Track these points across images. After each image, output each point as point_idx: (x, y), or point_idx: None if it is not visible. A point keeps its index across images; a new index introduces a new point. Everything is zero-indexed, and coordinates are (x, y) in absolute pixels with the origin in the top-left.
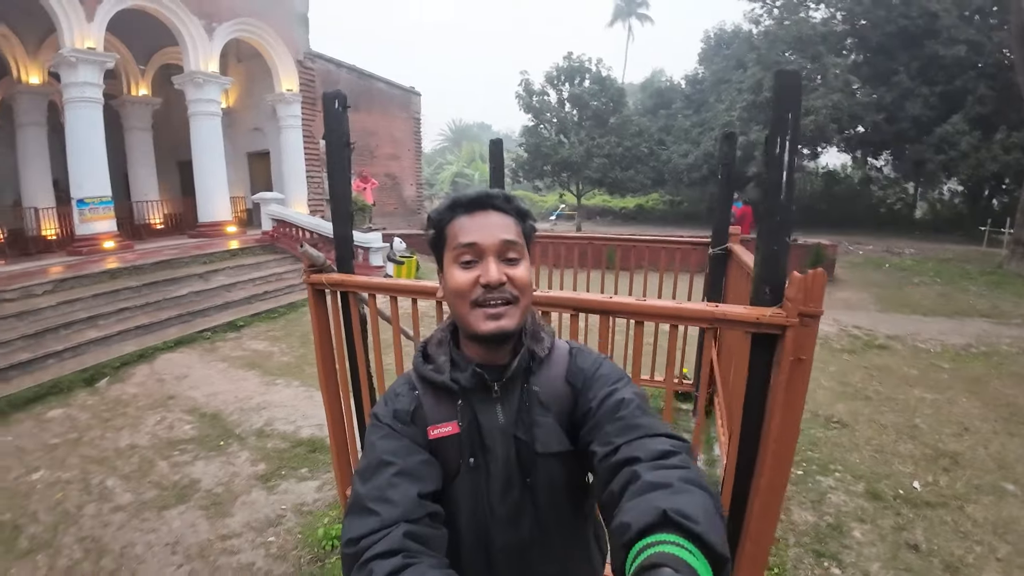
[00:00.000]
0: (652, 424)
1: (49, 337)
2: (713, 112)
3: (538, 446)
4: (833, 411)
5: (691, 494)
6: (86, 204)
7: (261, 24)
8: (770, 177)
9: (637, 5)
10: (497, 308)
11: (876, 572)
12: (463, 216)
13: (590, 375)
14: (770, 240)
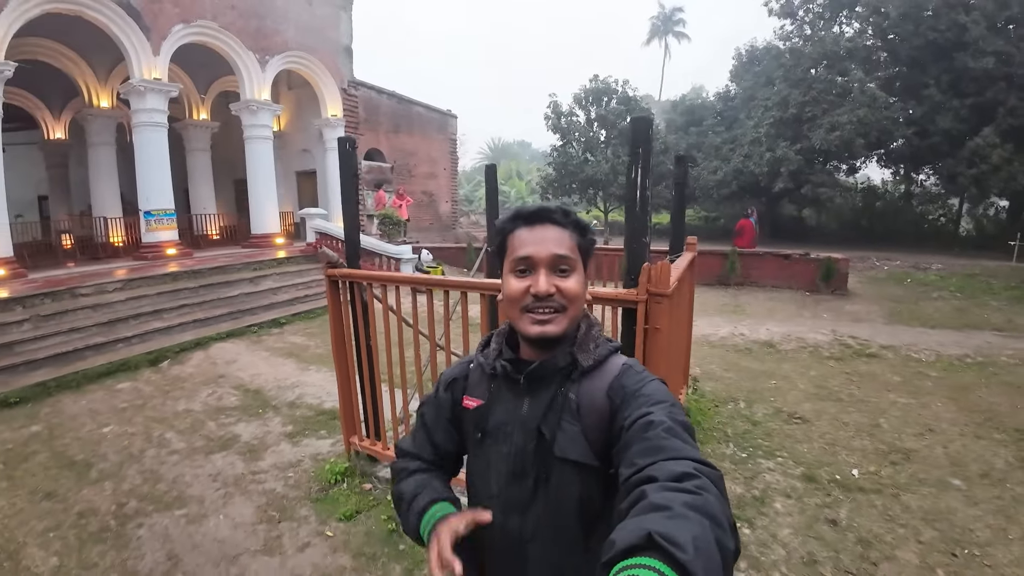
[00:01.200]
0: (678, 447)
1: (119, 325)
2: (743, 129)
3: (556, 448)
4: (798, 409)
5: (686, 520)
6: (152, 216)
7: (309, 56)
8: (628, 195)
9: (674, 23)
10: (544, 315)
11: (785, 536)
12: (523, 228)
13: (630, 393)
14: (632, 240)
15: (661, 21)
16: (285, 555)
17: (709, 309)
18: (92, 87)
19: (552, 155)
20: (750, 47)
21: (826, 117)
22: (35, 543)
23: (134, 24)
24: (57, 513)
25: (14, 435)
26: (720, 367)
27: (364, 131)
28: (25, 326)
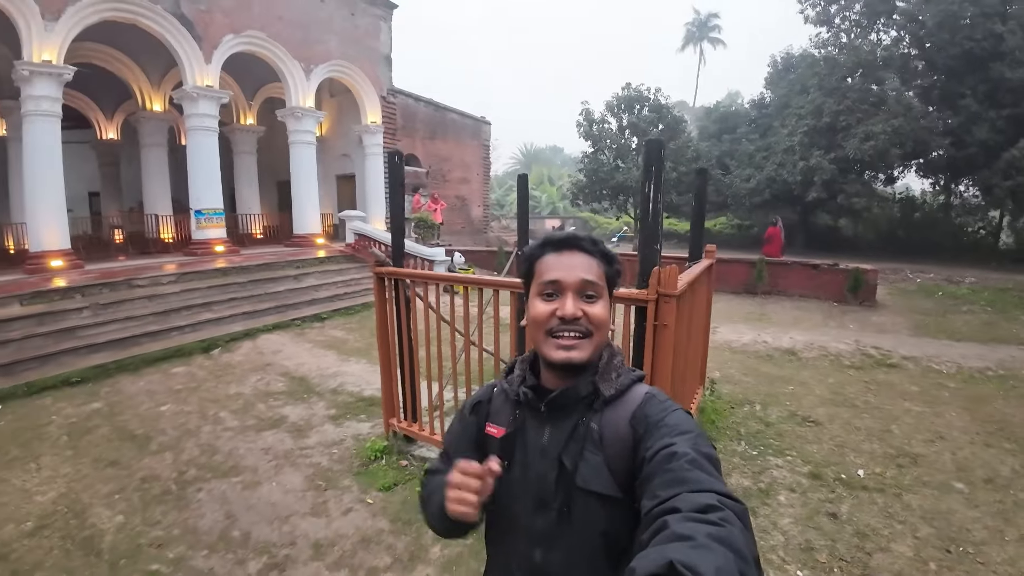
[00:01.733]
0: (701, 479)
1: (173, 315)
2: (776, 137)
3: (579, 479)
4: (812, 413)
5: (710, 551)
6: (203, 214)
7: (351, 65)
8: (642, 206)
9: (709, 30)
10: (570, 340)
11: (785, 525)
12: (551, 254)
13: (653, 423)
14: (644, 247)
15: (696, 27)
16: (330, 517)
17: (734, 317)
18: (145, 91)
19: (583, 162)
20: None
21: (860, 126)
22: (100, 504)
23: (187, 33)
24: (121, 478)
25: (76, 411)
26: (739, 372)
27: (401, 137)
28: (85, 313)
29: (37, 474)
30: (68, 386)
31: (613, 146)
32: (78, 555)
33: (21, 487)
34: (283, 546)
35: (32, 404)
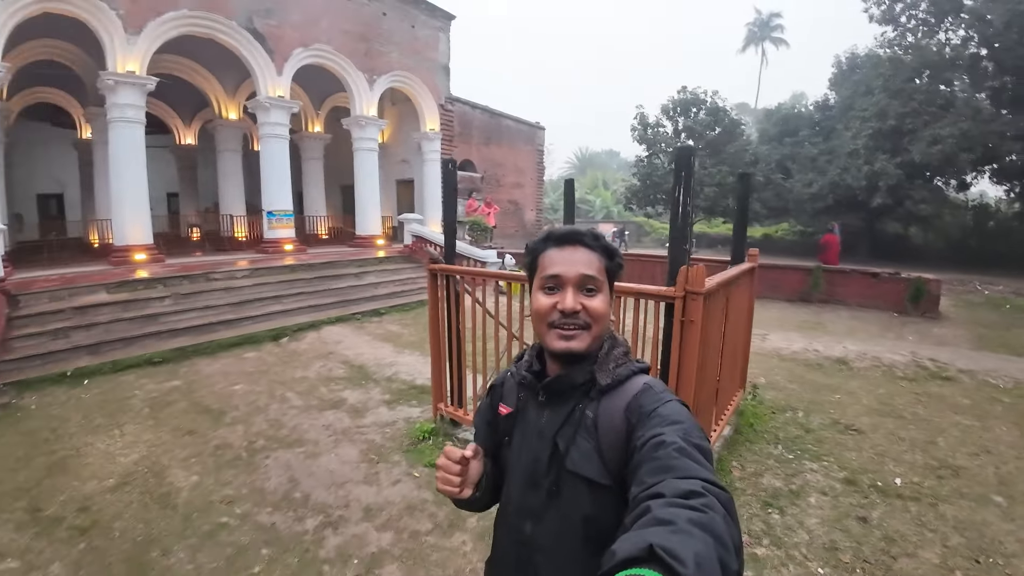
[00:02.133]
0: (688, 467)
1: (246, 306)
2: (840, 140)
3: (568, 462)
4: (856, 421)
5: (690, 536)
6: (274, 215)
7: (411, 75)
8: (672, 210)
9: (771, 29)
10: (570, 331)
11: (812, 524)
12: (554, 248)
13: (646, 413)
14: (674, 247)
15: (758, 27)
16: (380, 486)
17: (787, 325)
18: (221, 100)
19: (637, 166)
20: (850, 54)
21: (927, 129)
22: (178, 466)
23: (260, 47)
24: (197, 445)
25: (158, 387)
26: (785, 379)
27: (458, 143)
28: (167, 301)
29: (120, 439)
30: (150, 366)
31: (668, 150)
32: (155, 508)
33: (105, 450)
34: (337, 508)
35: (117, 380)
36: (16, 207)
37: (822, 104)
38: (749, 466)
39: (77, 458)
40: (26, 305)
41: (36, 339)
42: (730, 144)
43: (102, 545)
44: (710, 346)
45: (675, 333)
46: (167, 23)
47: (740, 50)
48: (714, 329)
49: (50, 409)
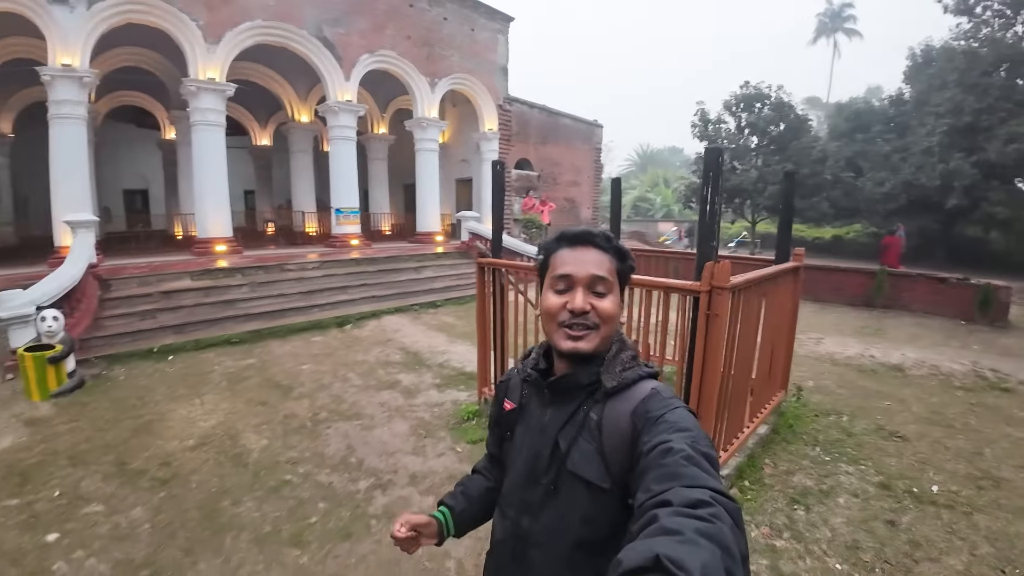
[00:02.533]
0: (696, 475)
1: (315, 295)
2: (915, 137)
3: (569, 462)
4: (902, 429)
5: (697, 547)
6: (342, 212)
7: (471, 78)
8: (700, 207)
9: (843, 20)
10: (578, 332)
11: (837, 523)
12: (566, 249)
13: (653, 419)
14: (702, 244)
15: (829, 17)
16: (426, 457)
17: (845, 329)
18: (294, 104)
19: (697, 163)
20: (925, 46)
21: (1004, 127)
22: (250, 431)
23: (329, 54)
24: (267, 414)
25: (234, 364)
26: (835, 383)
27: (515, 142)
28: (244, 289)
29: (200, 407)
30: (228, 345)
31: (731, 146)
32: (228, 466)
33: (186, 416)
34: (387, 473)
35: (198, 357)
36: (104, 201)
37: (896, 99)
38: (782, 464)
39: (161, 422)
40: (117, 288)
41: (125, 319)
42: (795, 140)
43: (180, 494)
44: (742, 342)
45: (700, 327)
46: (243, 33)
47: (811, 41)
48: (746, 326)
49: (137, 380)
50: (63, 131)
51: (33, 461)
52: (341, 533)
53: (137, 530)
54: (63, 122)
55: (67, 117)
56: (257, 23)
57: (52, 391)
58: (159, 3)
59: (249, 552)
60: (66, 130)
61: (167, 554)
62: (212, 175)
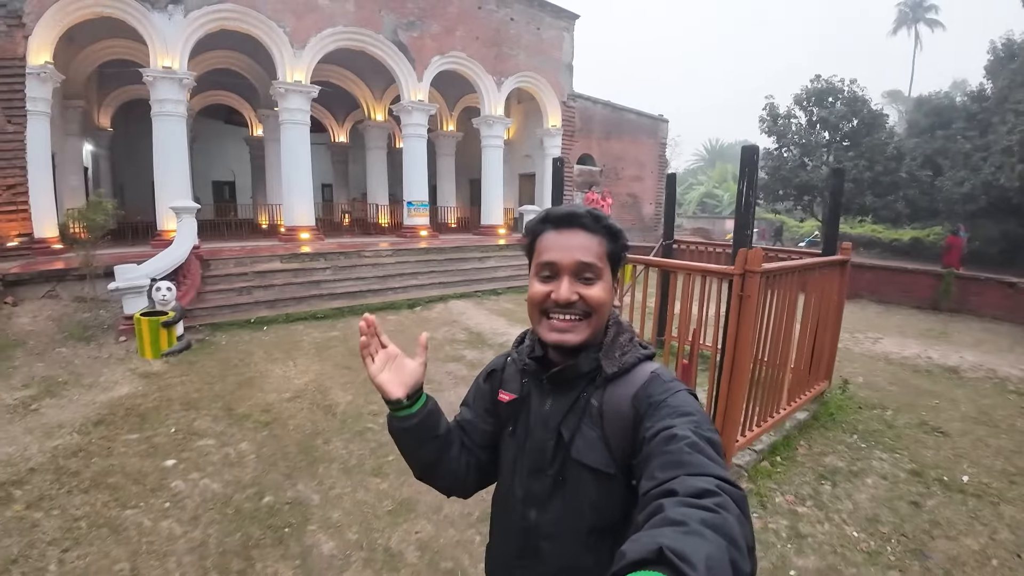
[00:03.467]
0: (701, 463)
1: (390, 279)
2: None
3: (573, 451)
4: (945, 426)
5: (702, 538)
6: (413, 205)
7: (536, 75)
8: (736, 200)
9: (925, 10)
10: (564, 322)
11: (861, 499)
12: (551, 231)
13: (655, 403)
14: (737, 232)
15: (909, 7)
16: None
17: (908, 331)
18: (370, 104)
19: (765, 159)
20: (1006, 40)
21: None
22: (337, 388)
23: (403, 56)
24: (351, 376)
25: (321, 335)
26: (886, 381)
27: (578, 138)
28: (327, 272)
29: (294, 368)
30: (315, 319)
31: (801, 142)
32: (320, 414)
33: (283, 375)
34: None
35: (289, 328)
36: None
37: (978, 94)
38: (816, 447)
39: (260, 378)
40: (216, 268)
41: (225, 294)
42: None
43: (279, 434)
44: (776, 326)
45: (733, 307)
46: (326, 38)
47: (891, 32)
48: (780, 311)
49: (238, 345)
50: (165, 127)
51: (150, 406)
52: None
53: (244, 459)
54: (166, 119)
55: (169, 115)
56: (338, 29)
57: (163, 351)
58: (250, 11)
59: (339, 478)
60: (168, 126)
61: (270, 478)
62: (298, 169)
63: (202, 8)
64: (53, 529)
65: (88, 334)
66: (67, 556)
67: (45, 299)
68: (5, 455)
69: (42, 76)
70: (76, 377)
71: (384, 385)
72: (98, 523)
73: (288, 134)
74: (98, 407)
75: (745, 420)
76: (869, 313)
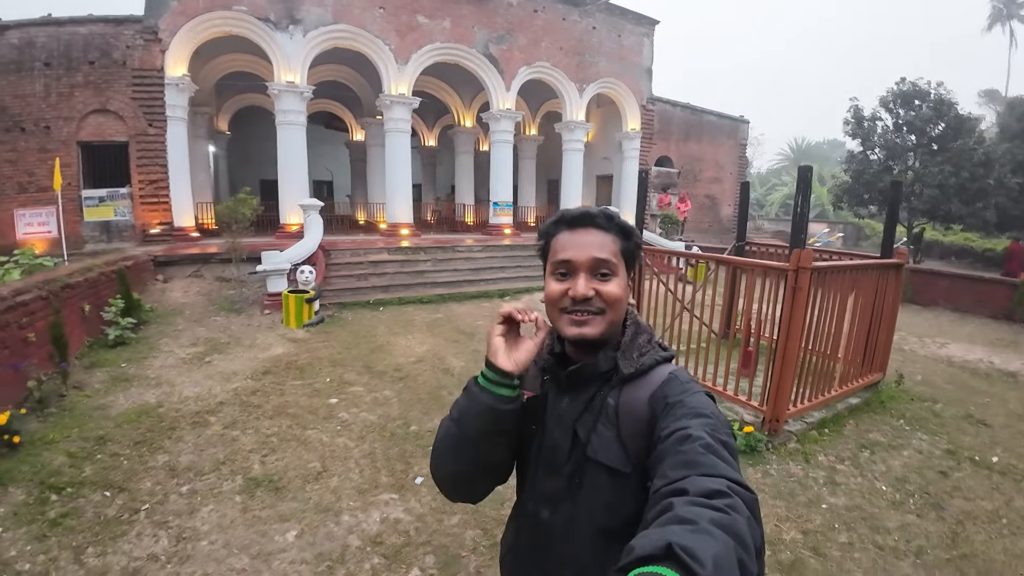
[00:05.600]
0: (714, 464)
1: (481, 271)
2: None
3: (589, 450)
4: (989, 419)
5: (711, 537)
6: (498, 205)
7: (616, 81)
8: (793, 212)
9: (1019, 7)
10: (582, 317)
11: (894, 465)
12: (565, 232)
13: (671, 403)
14: (794, 236)
15: (1003, 3)
16: None
17: (977, 339)
18: (460, 111)
19: (848, 162)
20: None
21: None
22: (451, 356)
23: (493, 68)
24: (460, 348)
25: (429, 316)
26: (943, 380)
27: (657, 140)
28: (428, 263)
29: (413, 340)
30: (421, 304)
31: (887, 145)
32: (440, 374)
33: (405, 344)
34: None
35: (402, 310)
36: None
37: None
38: (863, 426)
39: (388, 347)
40: (335, 257)
41: (346, 279)
42: (955, 142)
43: (412, 386)
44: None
45: (787, 298)
46: (426, 53)
47: (985, 29)
48: (831, 304)
49: (361, 321)
50: (288, 134)
51: (304, 362)
52: None
53: (389, 401)
54: (288, 127)
55: (291, 124)
56: (436, 45)
57: (304, 322)
58: (360, 30)
59: None
60: (290, 133)
61: (412, 414)
62: (400, 173)
63: (319, 28)
64: (250, 443)
65: (236, 307)
66: (267, 459)
67: (191, 278)
68: (194, 393)
69: (180, 86)
70: (236, 339)
71: (498, 350)
72: (287, 439)
73: (392, 141)
74: (262, 361)
75: (796, 395)
76: (942, 320)
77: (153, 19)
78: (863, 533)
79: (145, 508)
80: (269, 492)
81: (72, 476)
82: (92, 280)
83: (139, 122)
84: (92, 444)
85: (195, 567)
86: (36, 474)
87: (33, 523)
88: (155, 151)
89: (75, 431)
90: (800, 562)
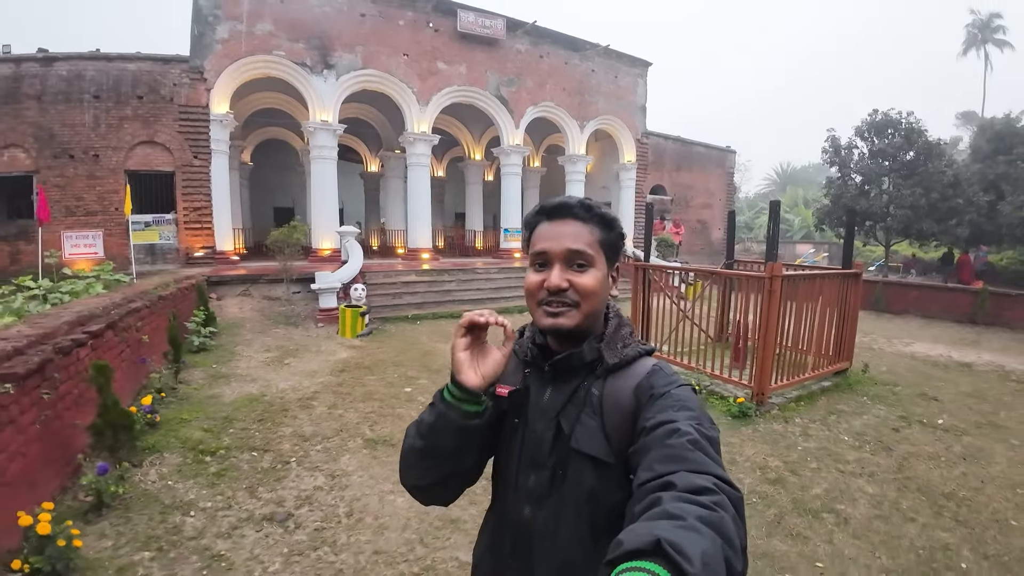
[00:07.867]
0: (701, 461)
1: (500, 290)
2: None
3: (573, 441)
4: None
5: (698, 533)
6: (508, 231)
7: (614, 118)
8: (767, 236)
9: (993, 31)
10: (556, 308)
11: (854, 424)
12: (545, 222)
13: (657, 394)
14: (768, 255)
15: (978, 28)
16: None
17: (942, 339)
18: (470, 145)
19: (828, 186)
20: None
21: None
22: None
23: (503, 107)
24: None
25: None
26: (906, 370)
27: (651, 171)
28: (453, 284)
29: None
30: (452, 318)
31: (863, 171)
32: None
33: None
34: None
35: (436, 323)
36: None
37: None
38: (832, 401)
39: (435, 351)
40: (371, 279)
41: (383, 297)
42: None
43: None
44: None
45: (764, 301)
46: (444, 95)
47: (961, 54)
48: (800, 306)
49: (404, 333)
50: (320, 168)
51: (368, 363)
52: None
53: None
54: (321, 161)
55: (324, 158)
56: (454, 87)
57: (358, 333)
58: (386, 75)
59: None
60: (323, 167)
61: None
62: (420, 202)
63: (350, 72)
64: (355, 418)
65: (292, 320)
66: (374, 428)
67: (241, 296)
68: (288, 386)
69: (223, 122)
70: (302, 347)
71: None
72: (383, 415)
73: (414, 174)
74: (333, 362)
75: (775, 374)
76: (912, 326)
77: (199, 60)
78: (828, 463)
79: (293, 460)
80: (387, 447)
81: (216, 444)
82: (173, 294)
83: (185, 154)
84: (220, 423)
85: (355, 492)
86: (183, 443)
87: (199, 476)
88: (199, 181)
89: (200, 414)
90: (781, 479)
